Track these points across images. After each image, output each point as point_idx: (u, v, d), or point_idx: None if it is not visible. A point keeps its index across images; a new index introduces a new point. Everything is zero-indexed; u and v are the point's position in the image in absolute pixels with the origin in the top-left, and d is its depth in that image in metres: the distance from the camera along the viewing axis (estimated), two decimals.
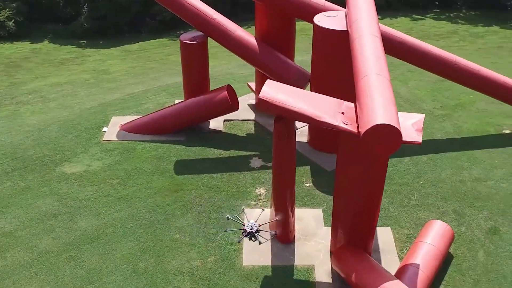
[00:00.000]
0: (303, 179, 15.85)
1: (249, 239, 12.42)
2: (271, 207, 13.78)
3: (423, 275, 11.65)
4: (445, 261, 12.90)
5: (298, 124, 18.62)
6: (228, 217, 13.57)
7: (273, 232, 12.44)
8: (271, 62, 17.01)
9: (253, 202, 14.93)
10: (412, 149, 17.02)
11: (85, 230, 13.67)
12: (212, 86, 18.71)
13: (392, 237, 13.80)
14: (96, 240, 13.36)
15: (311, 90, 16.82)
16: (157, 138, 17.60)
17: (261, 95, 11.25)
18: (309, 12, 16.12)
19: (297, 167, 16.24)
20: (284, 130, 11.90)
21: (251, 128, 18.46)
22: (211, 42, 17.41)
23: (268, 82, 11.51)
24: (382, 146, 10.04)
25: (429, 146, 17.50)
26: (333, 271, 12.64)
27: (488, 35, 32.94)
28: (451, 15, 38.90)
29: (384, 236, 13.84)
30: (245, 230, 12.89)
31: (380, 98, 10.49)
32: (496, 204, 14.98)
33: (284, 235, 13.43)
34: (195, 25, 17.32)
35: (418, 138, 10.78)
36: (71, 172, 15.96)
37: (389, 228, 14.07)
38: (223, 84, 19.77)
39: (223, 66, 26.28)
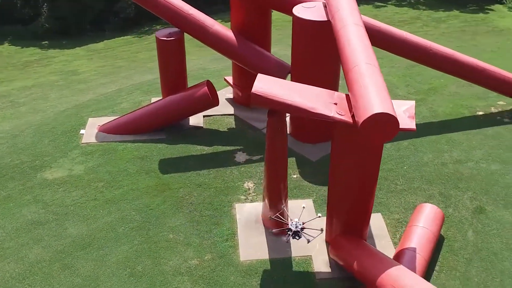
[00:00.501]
0: (290, 170, 15.86)
1: (293, 238, 11.88)
2: (263, 200, 13.77)
3: (420, 258, 11.90)
4: (438, 243, 13.21)
5: None
6: (270, 217, 12.83)
7: (320, 229, 12.01)
8: (250, 55, 16.95)
9: (243, 197, 14.89)
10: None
11: (75, 237, 13.33)
12: (187, 83, 18.48)
13: (384, 222, 14.02)
14: (88, 246, 13.05)
15: (292, 80, 16.90)
16: (138, 138, 17.29)
17: (254, 90, 11.19)
18: (288, 4, 16.12)
19: None
20: (278, 123, 11.89)
21: (231, 122, 18.35)
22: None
23: (260, 76, 11.45)
24: (379, 135, 10.16)
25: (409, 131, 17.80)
26: (330, 260, 12.76)
27: (450, 20, 33.68)
28: (412, 1, 39.58)
29: (376, 222, 14.04)
30: (289, 229, 12.05)
31: (373, 87, 10.59)
32: (479, 184, 15.42)
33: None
34: (170, 21, 17.05)
35: (412, 125, 10.95)
36: (53, 177, 15.51)
37: (379, 214, 14.29)
38: (197, 80, 19.62)
39: (195, 62, 25.97)
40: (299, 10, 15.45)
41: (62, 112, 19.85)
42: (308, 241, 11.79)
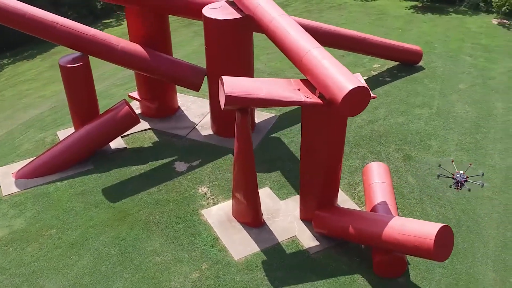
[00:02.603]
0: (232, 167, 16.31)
1: (456, 188, 14.84)
2: (232, 198, 14.10)
3: (392, 207, 13.41)
4: None
5: (195, 118, 18.87)
6: (440, 169, 15.73)
7: (481, 182, 15.03)
8: (164, 66, 16.85)
9: (204, 202, 15.00)
10: None
11: None
12: (99, 108, 17.66)
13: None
14: None
15: (209, 83, 17.25)
16: (64, 175, 16.17)
17: (227, 92, 11.48)
18: (194, 9, 16.38)
19: (221, 158, 16.81)
20: (247, 119, 12.33)
21: (152, 136, 18.07)
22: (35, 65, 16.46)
23: (226, 79, 11.73)
24: (355, 108, 11.29)
25: None
26: (314, 234, 13.68)
27: (293, 3, 36.37)
28: None
29: None
30: (454, 179, 15.02)
31: (334, 67, 11.65)
32: (396, 136, 17.60)
33: (257, 220, 13.97)
34: (72, 46, 16.12)
35: (372, 93, 12.27)
36: None
37: None
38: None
39: None
40: (209, 12, 15.81)
41: None
42: (469, 190, 14.94)
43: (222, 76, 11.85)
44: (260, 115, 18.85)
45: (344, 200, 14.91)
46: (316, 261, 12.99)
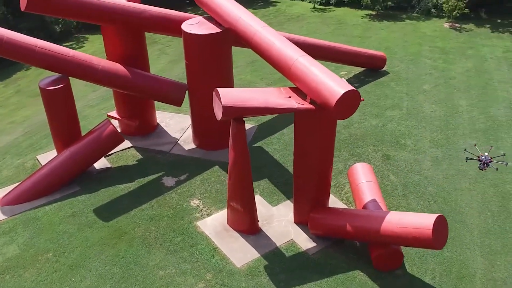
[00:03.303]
0: (222, 178, 16.65)
1: (482, 168, 16.20)
2: (228, 207, 14.39)
3: (382, 204, 14.07)
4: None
5: (176, 134, 19.06)
6: (466, 153, 17.10)
7: (505, 161, 16.47)
8: (146, 83, 17.03)
9: (198, 215, 15.22)
10: (284, 122, 19.15)
11: None
12: (81, 129, 17.60)
13: None
14: None
15: (190, 97, 17.55)
16: (51, 198, 16.02)
17: (224, 103, 11.83)
18: (172, 26, 16.70)
19: (209, 170, 17.09)
20: (243, 128, 12.72)
21: (135, 154, 18.13)
22: None
23: (221, 91, 12.07)
24: (347, 110, 11.93)
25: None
26: (310, 236, 14.14)
27: None
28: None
29: None
30: (480, 160, 16.62)
31: (324, 74, 12.27)
32: (373, 138, 18.39)
33: (253, 227, 14.31)
34: (52, 69, 16.06)
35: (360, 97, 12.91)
36: None
37: None
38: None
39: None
40: (189, 28, 16.16)
41: None
42: (497, 169, 16.38)
43: (217, 88, 12.21)
44: None
45: (333, 201, 15.46)
46: (315, 261, 13.44)
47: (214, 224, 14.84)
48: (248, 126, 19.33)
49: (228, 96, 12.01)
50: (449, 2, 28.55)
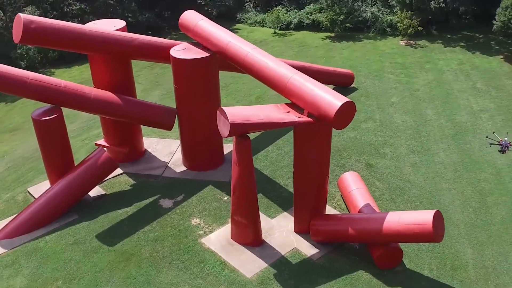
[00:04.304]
0: (217, 196, 17.23)
1: (503, 152, 17.83)
2: (231, 222, 14.98)
3: (375, 207, 15.07)
4: None
5: (165, 158, 19.51)
6: (488, 139, 19.25)
7: None
8: (137, 110, 17.49)
9: (201, 232, 15.70)
10: (268, 139, 20.00)
11: None
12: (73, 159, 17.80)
13: None
14: None
15: (179, 121, 18.11)
16: (50, 228, 16.10)
17: (232, 120, 12.56)
18: (160, 53, 17.34)
19: (203, 189, 17.65)
20: (248, 144, 13.45)
21: (127, 179, 18.44)
22: None
23: (227, 110, 12.78)
24: (344, 120, 12.92)
25: (274, 132, 20.55)
26: (313, 243, 14.90)
27: None
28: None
29: None
30: (501, 145, 18.29)
31: (319, 88, 13.26)
32: (354, 149, 19.50)
33: (258, 239, 14.95)
34: (45, 100, 16.31)
35: None
36: None
37: None
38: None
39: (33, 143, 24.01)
40: (178, 54, 16.83)
41: None
42: None
43: (222, 107, 12.94)
44: (226, 147, 19.84)
45: (327, 210, 16.30)
46: (321, 266, 14.21)
47: (219, 239, 15.37)
48: (231, 146, 20.00)
49: (233, 113, 12.76)
50: (404, 21, 30.54)
